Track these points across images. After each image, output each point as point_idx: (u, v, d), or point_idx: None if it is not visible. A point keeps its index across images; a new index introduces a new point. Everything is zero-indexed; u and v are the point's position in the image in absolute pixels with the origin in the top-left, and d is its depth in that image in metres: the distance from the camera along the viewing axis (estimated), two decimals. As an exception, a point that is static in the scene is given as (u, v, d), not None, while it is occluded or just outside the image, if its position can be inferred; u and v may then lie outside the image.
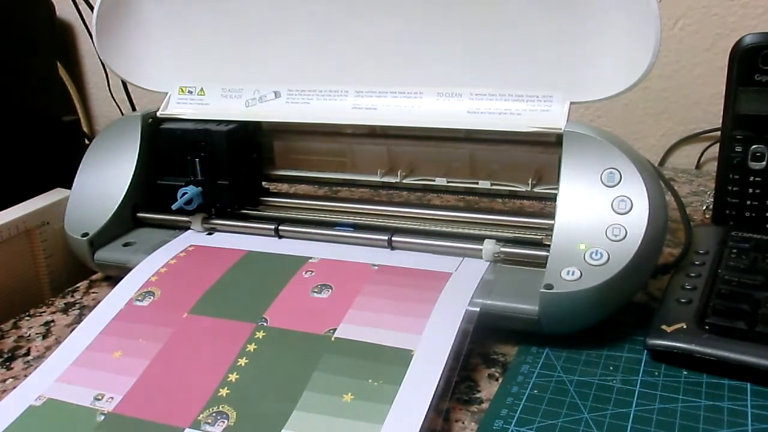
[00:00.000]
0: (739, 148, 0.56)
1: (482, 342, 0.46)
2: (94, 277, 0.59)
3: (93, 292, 0.57)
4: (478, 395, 0.42)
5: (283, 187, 0.68)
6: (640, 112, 0.87)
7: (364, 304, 0.46)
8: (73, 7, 0.85)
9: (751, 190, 0.56)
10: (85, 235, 0.55)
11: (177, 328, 0.46)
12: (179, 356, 0.44)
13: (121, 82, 0.77)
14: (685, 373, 0.42)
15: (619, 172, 0.45)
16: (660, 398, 0.40)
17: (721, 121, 0.56)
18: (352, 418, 0.38)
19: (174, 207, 0.55)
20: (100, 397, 0.41)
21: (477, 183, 0.55)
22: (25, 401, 0.42)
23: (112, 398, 0.41)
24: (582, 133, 0.47)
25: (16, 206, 0.60)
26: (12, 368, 0.48)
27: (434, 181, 0.56)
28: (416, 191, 0.61)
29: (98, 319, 0.48)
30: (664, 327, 0.43)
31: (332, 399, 0.39)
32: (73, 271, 0.61)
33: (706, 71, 0.82)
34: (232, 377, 0.42)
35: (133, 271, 0.52)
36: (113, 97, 0.94)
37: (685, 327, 0.43)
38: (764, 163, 0.55)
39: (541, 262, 0.46)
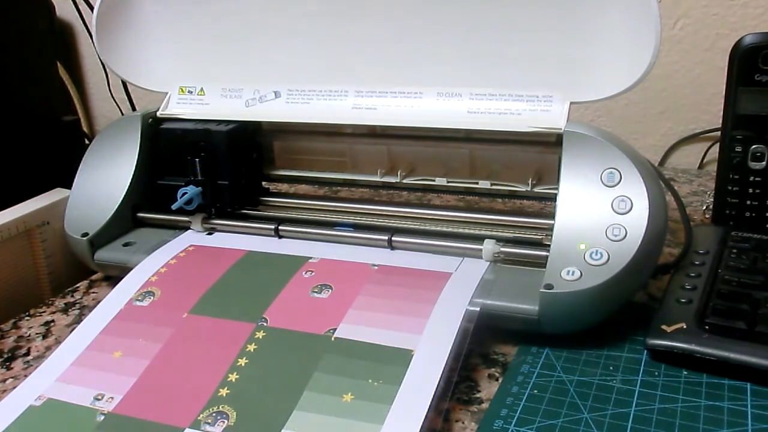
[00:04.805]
0: (739, 148, 0.56)
1: (482, 342, 0.46)
2: (94, 277, 0.59)
3: (93, 292, 0.57)
4: (478, 395, 0.42)
5: (283, 187, 0.68)
6: (640, 112, 0.87)
7: (364, 304, 0.46)
8: (73, 7, 0.85)
9: (751, 190, 0.56)
10: (85, 235, 0.55)
11: (177, 328, 0.46)
12: (179, 356, 0.44)
13: (121, 82, 0.77)
14: (685, 373, 0.42)
15: (619, 172, 0.45)
16: (660, 398, 0.40)
17: (721, 121, 0.56)
18: (352, 418, 0.38)
19: (174, 207, 0.55)
20: (100, 397, 0.41)
21: (477, 183, 0.55)
22: (25, 401, 0.42)
23: (112, 398, 0.41)
24: (582, 133, 0.47)
25: (16, 206, 0.60)
26: (12, 368, 0.48)
27: (434, 181, 0.56)
28: (416, 191, 0.61)
29: (98, 319, 0.48)
30: (664, 327, 0.43)
31: (332, 399, 0.39)
32: (73, 271, 0.61)
33: (706, 71, 0.82)
34: (232, 377, 0.42)
35: (133, 271, 0.52)
36: (113, 97, 0.94)
37: (685, 327, 0.43)
38: (764, 163, 0.55)
39: (541, 262, 0.46)
